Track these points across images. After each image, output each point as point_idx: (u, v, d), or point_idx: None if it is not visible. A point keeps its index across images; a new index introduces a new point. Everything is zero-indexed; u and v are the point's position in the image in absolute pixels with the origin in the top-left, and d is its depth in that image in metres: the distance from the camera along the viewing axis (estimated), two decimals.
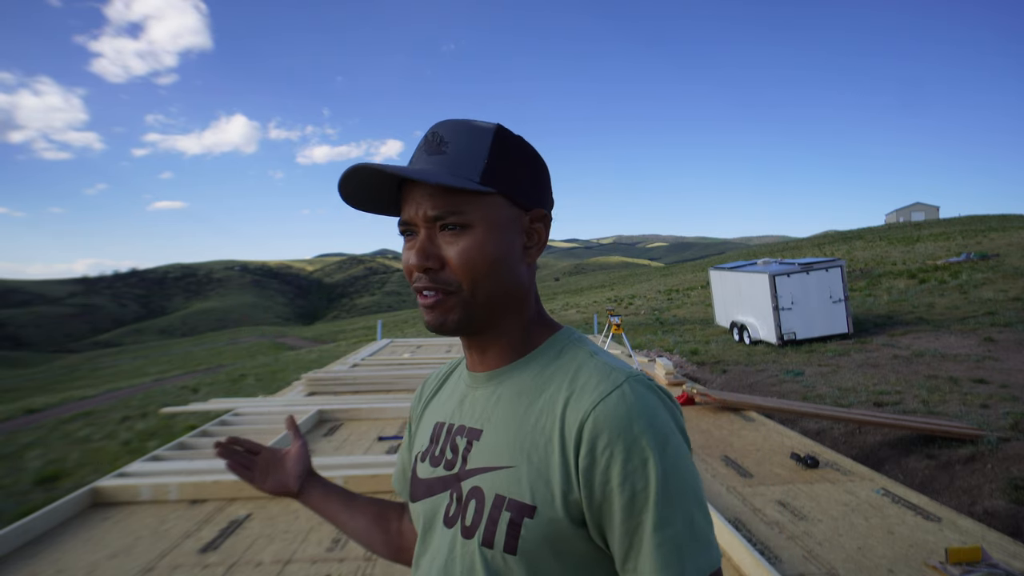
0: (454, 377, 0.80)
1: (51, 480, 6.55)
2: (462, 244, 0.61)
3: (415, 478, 0.74)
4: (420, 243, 0.63)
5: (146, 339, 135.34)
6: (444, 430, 0.73)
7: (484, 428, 0.66)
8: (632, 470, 0.55)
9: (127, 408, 12.46)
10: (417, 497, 0.72)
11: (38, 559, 2.23)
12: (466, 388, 0.73)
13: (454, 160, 0.62)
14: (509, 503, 0.59)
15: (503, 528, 0.59)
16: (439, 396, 0.80)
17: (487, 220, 0.62)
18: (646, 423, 0.56)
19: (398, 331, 33.58)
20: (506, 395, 0.66)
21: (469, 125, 0.65)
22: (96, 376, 34.12)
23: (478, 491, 0.63)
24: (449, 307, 0.63)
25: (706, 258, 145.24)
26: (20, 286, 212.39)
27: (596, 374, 0.61)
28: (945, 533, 2.42)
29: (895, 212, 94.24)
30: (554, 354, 0.67)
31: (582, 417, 0.57)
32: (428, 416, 0.79)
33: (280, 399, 5.09)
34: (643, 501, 0.54)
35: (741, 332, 13.33)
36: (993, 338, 10.20)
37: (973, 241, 30.21)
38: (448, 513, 0.66)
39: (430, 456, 0.73)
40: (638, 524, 0.54)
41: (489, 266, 0.62)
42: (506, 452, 0.62)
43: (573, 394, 0.60)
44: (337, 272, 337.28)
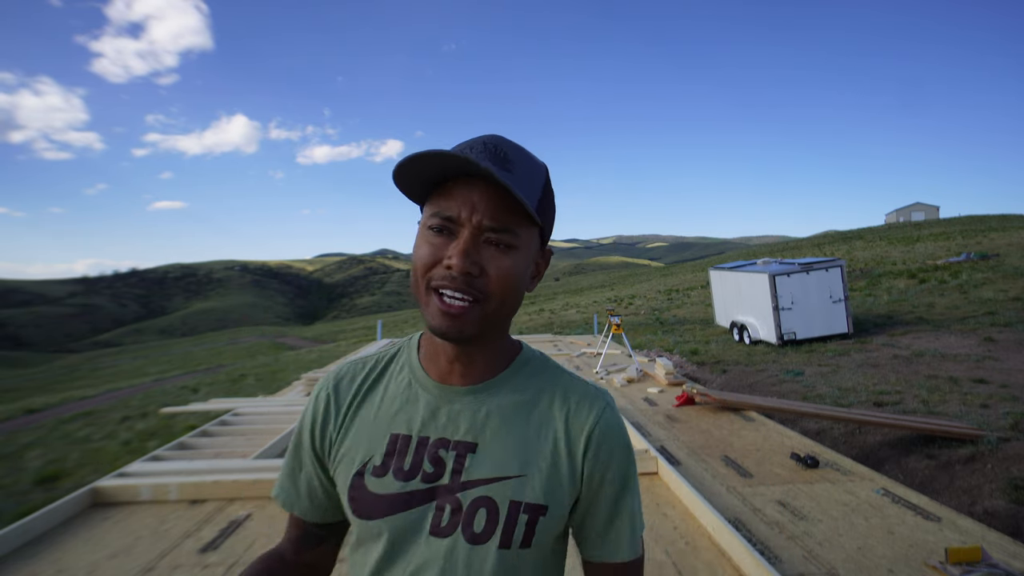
0: (393, 382, 0.76)
1: (51, 480, 6.55)
2: (505, 261, 0.65)
3: (365, 494, 0.70)
4: (466, 245, 0.63)
5: (146, 339, 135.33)
6: (411, 443, 0.71)
7: (478, 441, 0.70)
8: (621, 468, 0.72)
9: (127, 408, 12.46)
10: (378, 514, 0.69)
11: (38, 559, 2.23)
12: (435, 400, 0.72)
13: (519, 183, 0.64)
14: (526, 507, 0.68)
15: (521, 529, 0.67)
16: (373, 402, 0.75)
17: (526, 247, 0.67)
18: (625, 436, 0.74)
19: (398, 331, 33.58)
20: (496, 410, 0.72)
21: (528, 155, 0.69)
22: (96, 376, 34.12)
23: (487, 500, 0.68)
24: (473, 318, 0.64)
25: (706, 258, 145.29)
26: (20, 286, 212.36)
27: (584, 394, 0.74)
28: (945, 533, 2.42)
29: (895, 212, 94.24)
30: (531, 372, 0.76)
31: (588, 430, 0.71)
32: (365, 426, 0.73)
33: (280, 399, 5.09)
34: (625, 489, 0.73)
35: (741, 332, 13.33)
36: (993, 338, 10.20)
37: (973, 241, 30.22)
38: (438, 523, 0.68)
39: (393, 470, 0.70)
40: (621, 505, 0.73)
41: (516, 289, 0.67)
42: (514, 462, 0.69)
43: (571, 410, 0.73)
44: (337, 272, 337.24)
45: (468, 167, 0.61)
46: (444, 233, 0.64)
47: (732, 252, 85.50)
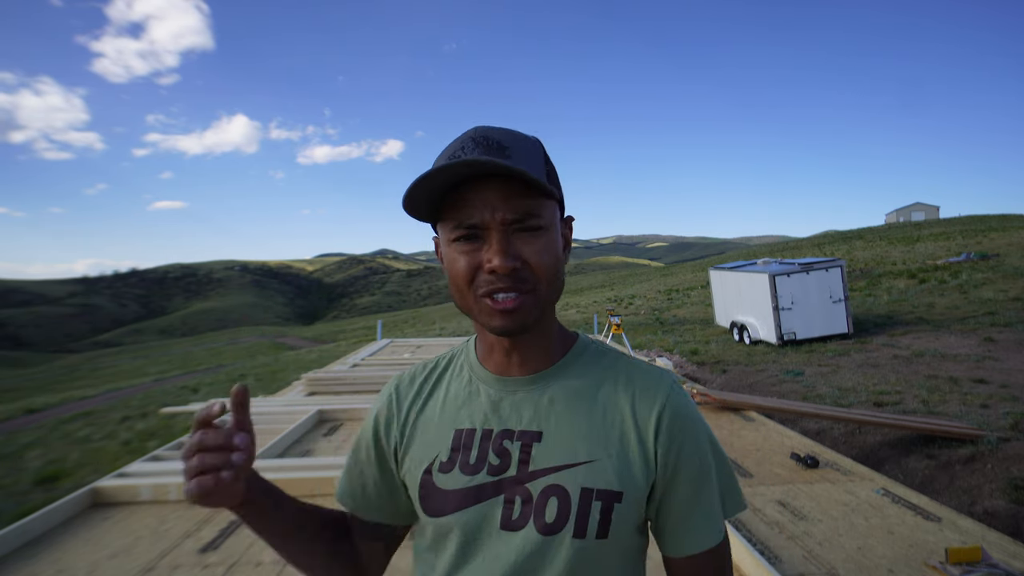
0: (454, 381, 0.77)
1: (51, 480, 6.55)
2: (539, 244, 0.64)
3: (434, 491, 0.71)
4: (500, 244, 0.62)
5: (146, 339, 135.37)
6: (476, 436, 0.71)
7: (543, 429, 0.69)
8: (696, 448, 0.69)
9: (127, 408, 12.46)
10: (448, 509, 0.69)
11: (38, 559, 2.23)
12: (496, 392, 0.72)
13: (522, 165, 0.62)
14: (598, 493, 0.65)
15: (595, 517, 0.65)
16: (436, 402, 0.76)
17: (551, 224, 0.66)
18: (696, 416, 0.71)
19: (398, 331, 33.58)
20: (559, 396, 0.71)
21: (518, 134, 0.67)
22: (96, 376, 34.12)
23: (558, 489, 0.66)
24: (529, 307, 0.64)
25: (706, 258, 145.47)
26: (20, 286, 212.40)
27: (649, 376, 0.72)
28: (945, 533, 2.42)
29: (895, 212, 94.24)
30: (591, 357, 0.75)
31: (658, 411, 0.69)
32: (431, 424, 0.75)
33: (280, 399, 5.09)
34: (704, 471, 0.69)
35: (741, 332, 13.33)
36: (993, 338, 10.20)
37: (973, 241, 30.21)
38: (509, 516, 0.66)
39: (460, 465, 0.70)
40: (703, 489, 0.69)
41: (556, 266, 0.66)
42: (582, 448, 0.67)
43: (637, 392, 0.70)
44: (337, 272, 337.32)
45: (476, 169, 0.60)
46: (472, 240, 0.64)
47: (732, 252, 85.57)
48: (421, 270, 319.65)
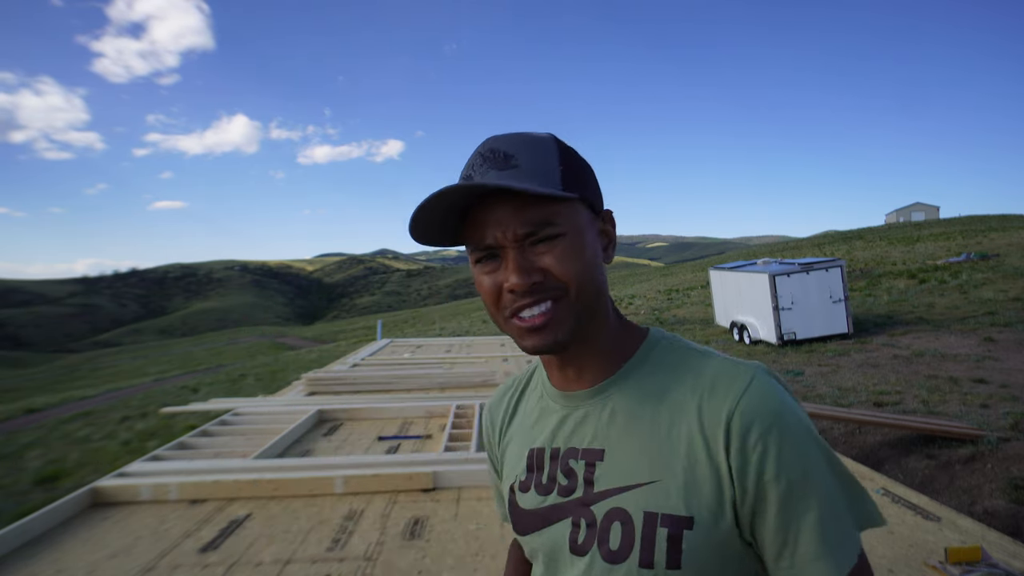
0: (529, 399, 0.76)
1: (51, 480, 6.55)
2: (558, 251, 0.60)
3: (518, 510, 0.71)
4: (515, 262, 0.59)
5: (146, 339, 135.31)
6: (546, 456, 0.68)
7: (605, 447, 0.64)
8: (786, 462, 0.56)
9: (127, 408, 12.46)
10: (529, 529, 0.68)
11: (38, 559, 2.23)
12: (560, 408, 0.69)
13: (530, 172, 0.60)
14: (663, 519, 0.58)
15: (662, 545, 0.57)
16: (517, 421, 0.76)
17: (574, 226, 0.61)
18: (788, 413, 0.58)
19: (398, 331, 33.59)
20: (621, 409, 0.64)
21: (526, 137, 0.63)
22: (96, 376, 34.12)
23: (621, 513, 0.60)
24: (560, 319, 0.60)
25: (706, 258, 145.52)
26: (20, 286, 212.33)
27: (722, 370, 0.61)
28: (945, 533, 2.42)
29: (895, 212, 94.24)
30: (657, 359, 0.66)
31: (727, 415, 0.57)
32: (514, 444, 0.75)
33: (280, 399, 5.09)
34: (803, 480, 0.56)
35: (741, 332, 13.33)
36: (993, 338, 10.20)
37: (973, 241, 30.22)
38: (576, 540, 0.63)
39: (534, 485, 0.69)
40: (802, 504, 0.56)
41: (585, 268, 0.61)
42: (644, 468, 0.60)
43: (705, 394, 0.60)
44: (337, 272, 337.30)
45: (473, 191, 0.58)
46: (493, 259, 0.61)
47: (732, 252, 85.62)
48: (421, 270, 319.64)
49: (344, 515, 2.46)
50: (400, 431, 3.77)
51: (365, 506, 2.51)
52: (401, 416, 4.14)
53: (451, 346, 8.74)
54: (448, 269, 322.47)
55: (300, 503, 2.66)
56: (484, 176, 0.60)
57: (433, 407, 4.09)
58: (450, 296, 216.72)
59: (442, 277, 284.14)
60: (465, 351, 7.60)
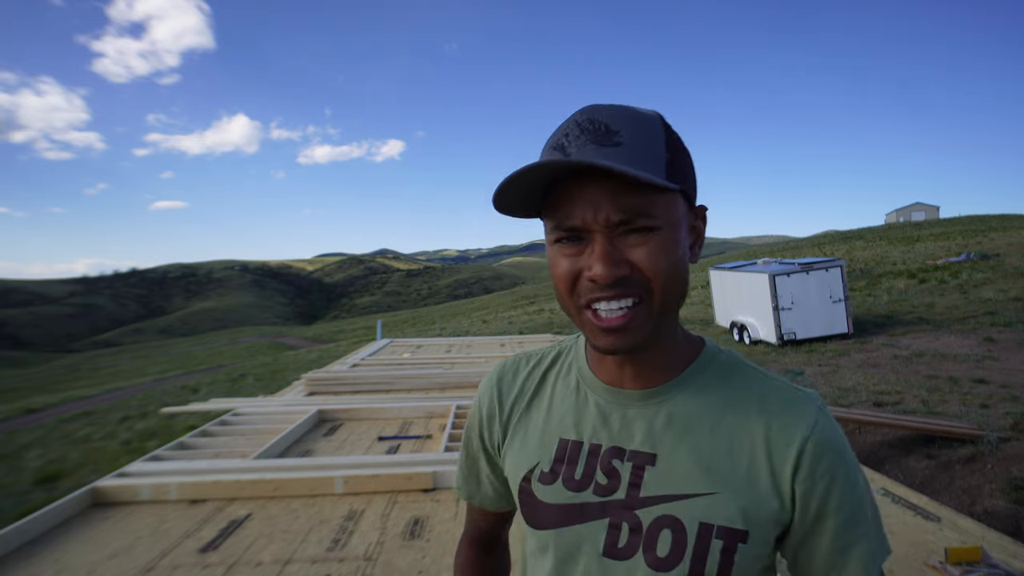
0: (561, 379, 0.71)
1: (51, 480, 6.55)
2: (651, 246, 0.55)
3: (533, 500, 0.66)
4: (604, 249, 0.54)
5: (146, 339, 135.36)
6: (583, 450, 0.65)
7: (658, 452, 0.61)
8: (845, 495, 0.59)
9: (127, 408, 12.46)
10: (548, 524, 0.65)
11: (38, 559, 2.23)
12: (604, 403, 0.66)
13: (634, 153, 0.54)
14: (719, 531, 0.58)
15: (715, 557, 0.57)
16: (541, 404, 0.71)
17: (671, 221, 0.56)
18: (848, 449, 0.61)
19: (398, 331, 33.59)
20: (679, 416, 0.62)
21: (634, 112, 0.57)
22: (96, 376, 34.12)
23: (672, 520, 0.59)
24: (640, 322, 0.56)
25: (706, 258, 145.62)
26: (20, 286, 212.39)
27: (790, 400, 0.62)
28: (945, 533, 2.42)
29: (895, 212, 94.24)
30: (717, 372, 0.65)
31: (800, 444, 0.59)
32: (533, 428, 0.70)
33: (280, 399, 5.09)
34: (857, 516, 0.59)
35: (741, 332, 13.33)
36: (993, 338, 10.20)
37: (973, 241, 30.22)
38: (614, 543, 0.60)
39: (563, 479, 0.65)
40: (850, 542, 0.59)
41: (675, 269, 0.57)
42: (701, 478, 0.59)
43: (774, 419, 0.60)
44: (337, 272, 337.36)
45: (572, 167, 0.53)
46: (575, 242, 0.56)
47: (732, 252, 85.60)
48: (421, 270, 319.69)
49: (344, 515, 2.46)
50: (400, 431, 3.77)
51: (365, 506, 2.51)
52: (401, 416, 4.14)
53: (451, 346, 8.74)
54: (448, 269, 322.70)
55: (300, 503, 2.66)
56: (582, 149, 0.54)
57: (433, 407, 4.09)
58: (450, 296, 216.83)
59: (442, 277, 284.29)
60: (465, 351, 7.60)
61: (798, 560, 0.62)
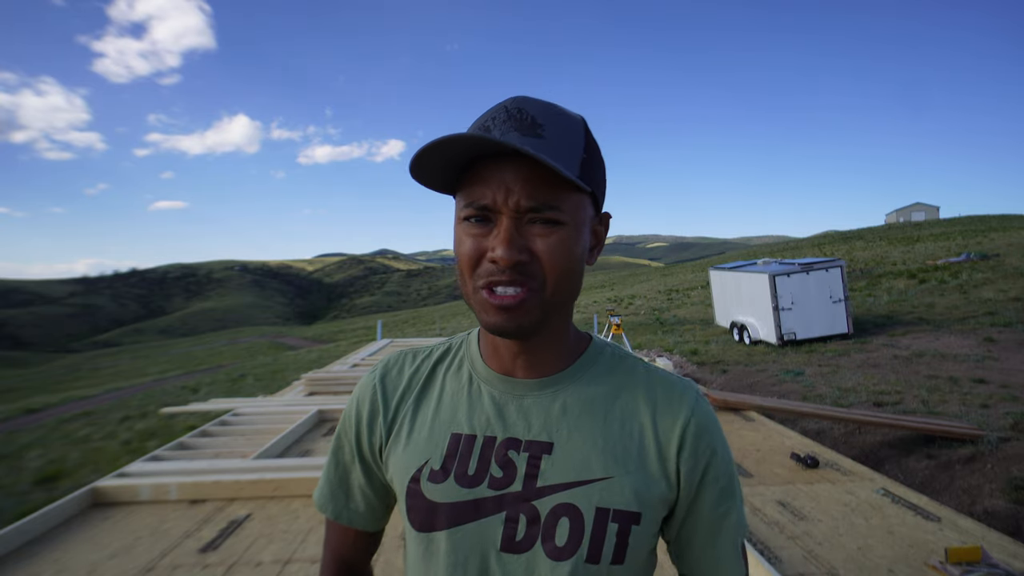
0: (451, 373, 0.69)
1: (51, 480, 6.55)
2: (554, 240, 0.56)
3: (422, 502, 0.63)
4: (508, 233, 0.55)
5: (146, 339, 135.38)
6: (476, 443, 0.63)
7: (554, 441, 0.62)
8: (720, 468, 0.64)
9: (127, 408, 12.46)
10: (439, 526, 0.62)
11: (38, 559, 2.23)
12: (500, 395, 0.65)
13: (554, 148, 0.55)
14: (615, 514, 0.59)
15: (611, 540, 0.59)
16: (430, 399, 0.68)
17: (576, 219, 0.58)
18: (720, 430, 0.66)
19: (398, 331, 33.59)
20: (573, 405, 0.63)
21: (559, 110, 0.59)
22: (96, 376, 34.12)
23: (570, 508, 0.59)
24: (530, 307, 0.57)
25: (706, 258, 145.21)
26: (20, 286, 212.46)
27: (672, 386, 0.66)
28: (945, 533, 2.42)
29: (895, 212, 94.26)
30: (607, 362, 0.68)
31: (682, 424, 0.63)
32: (420, 425, 0.67)
33: (280, 399, 5.09)
34: (729, 491, 0.64)
35: (741, 332, 13.33)
36: (993, 338, 10.20)
37: (973, 241, 30.22)
38: (512, 537, 0.59)
39: (455, 475, 0.62)
40: (725, 511, 0.64)
41: (572, 266, 0.59)
42: (597, 464, 0.60)
43: (659, 403, 0.64)
44: (337, 272, 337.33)
45: (491, 147, 0.54)
46: (483, 223, 0.57)
47: (732, 252, 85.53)
48: (421, 270, 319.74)
49: None
50: None
51: None
52: None
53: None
54: (448, 269, 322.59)
55: (300, 503, 2.66)
56: (506, 135, 0.55)
57: None
58: (450, 296, 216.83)
59: (442, 277, 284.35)
60: None
61: (681, 535, 0.65)
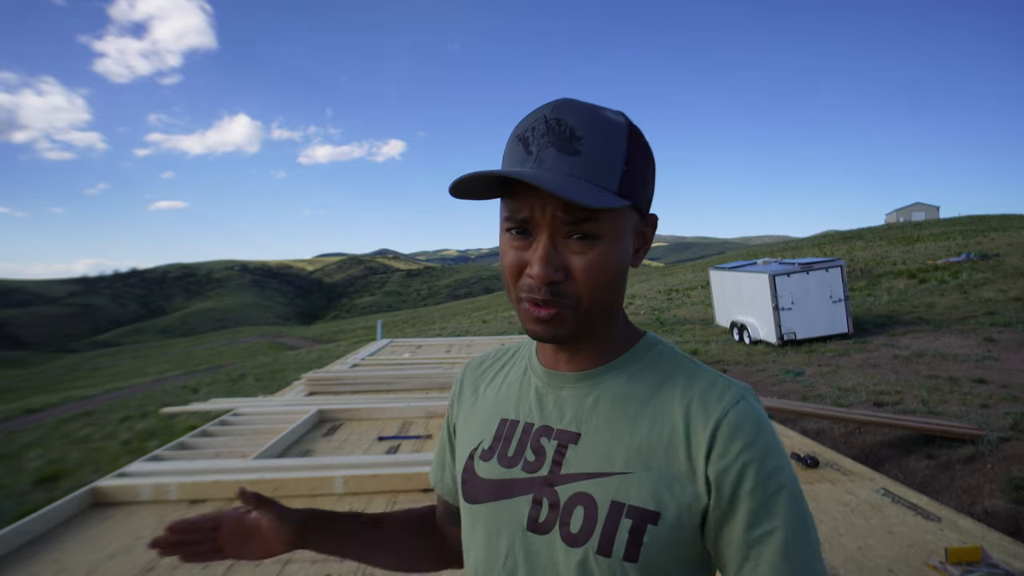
0: (513, 369, 0.75)
1: (51, 480, 6.56)
2: (591, 257, 0.57)
3: (473, 477, 0.69)
4: (545, 251, 0.57)
5: (146, 339, 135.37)
6: (518, 429, 0.68)
7: (582, 432, 0.63)
8: (758, 480, 0.56)
9: (127, 408, 12.47)
10: (481, 499, 0.67)
11: (38, 559, 2.23)
12: (543, 386, 0.68)
13: (590, 164, 0.56)
14: (629, 510, 0.58)
15: (623, 536, 0.57)
16: (492, 388, 0.75)
17: (615, 231, 0.59)
18: (767, 435, 0.58)
19: (398, 331, 33.60)
20: (606, 398, 0.64)
21: (601, 117, 0.58)
22: (96, 376, 34.12)
23: (586, 498, 0.60)
24: (564, 320, 0.59)
25: (706, 258, 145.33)
26: (20, 286, 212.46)
27: (713, 383, 0.62)
28: (945, 533, 2.42)
29: (895, 212, 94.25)
30: (652, 360, 0.66)
31: (714, 423, 0.58)
32: (483, 409, 0.74)
33: (280, 399, 5.09)
34: (769, 511, 0.56)
35: (741, 332, 13.33)
36: (993, 338, 10.20)
37: (973, 241, 30.22)
38: (536, 518, 0.62)
39: (498, 455, 0.68)
40: (763, 535, 0.56)
41: (611, 281, 0.59)
42: (618, 458, 0.60)
43: (694, 401, 0.60)
44: (337, 272, 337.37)
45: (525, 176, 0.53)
46: (523, 235, 0.59)
47: (732, 252, 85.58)
48: (421, 270, 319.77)
49: None
50: (400, 431, 3.77)
51: (365, 506, 2.51)
52: (401, 416, 4.14)
53: (451, 346, 8.74)
54: (448, 269, 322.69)
55: (300, 503, 2.65)
56: (543, 151, 0.56)
57: (433, 407, 4.09)
58: (450, 296, 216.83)
59: (442, 277, 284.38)
60: (465, 351, 7.60)
61: (718, 548, 0.59)
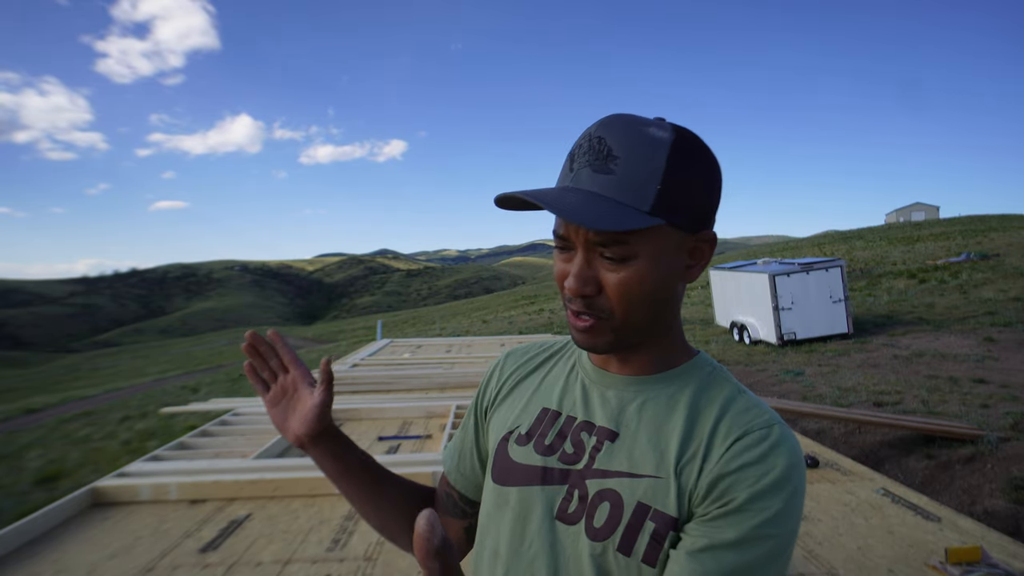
0: (562, 362, 0.77)
1: (51, 480, 6.56)
2: (622, 275, 0.59)
3: (506, 459, 0.71)
4: (579, 268, 0.60)
5: (146, 339, 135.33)
6: (559, 420, 0.70)
7: (621, 432, 0.64)
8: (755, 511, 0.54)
9: (127, 408, 12.47)
10: (512, 481, 0.69)
11: (38, 559, 2.23)
12: (590, 383, 0.70)
13: (623, 183, 0.57)
14: (655, 514, 0.58)
15: (645, 538, 0.58)
16: (537, 376, 0.77)
17: (651, 252, 0.59)
18: (786, 463, 0.56)
19: (398, 331, 33.60)
20: (650, 405, 0.65)
21: (643, 134, 0.58)
22: (96, 376, 34.12)
23: (613, 495, 0.61)
24: (600, 331, 0.62)
25: None
26: (20, 286, 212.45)
27: (750, 407, 0.61)
28: (945, 533, 2.42)
29: (895, 212, 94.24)
30: (702, 378, 0.66)
31: (733, 439, 0.58)
32: (522, 395, 0.76)
33: None
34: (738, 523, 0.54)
35: (741, 332, 13.33)
36: (993, 338, 10.20)
37: (973, 241, 30.21)
38: (566, 508, 0.64)
39: (535, 442, 0.69)
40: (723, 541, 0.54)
41: (646, 297, 0.60)
42: (651, 462, 0.61)
43: (724, 418, 0.61)
44: (337, 272, 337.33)
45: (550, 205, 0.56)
46: (567, 250, 0.63)
47: (732, 252, 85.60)
48: (421, 270, 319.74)
49: (344, 515, 2.47)
50: (400, 431, 3.77)
51: None
52: (401, 416, 4.14)
53: (451, 346, 8.73)
54: (448, 269, 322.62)
55: (300, 503, 2.66)
56: (581, 169, 0.60)
57: (433, 407, 4.09)
58: (450, 296, 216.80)
59: (442, 277, 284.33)
60: (465, 351, 7.60)
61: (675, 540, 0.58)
